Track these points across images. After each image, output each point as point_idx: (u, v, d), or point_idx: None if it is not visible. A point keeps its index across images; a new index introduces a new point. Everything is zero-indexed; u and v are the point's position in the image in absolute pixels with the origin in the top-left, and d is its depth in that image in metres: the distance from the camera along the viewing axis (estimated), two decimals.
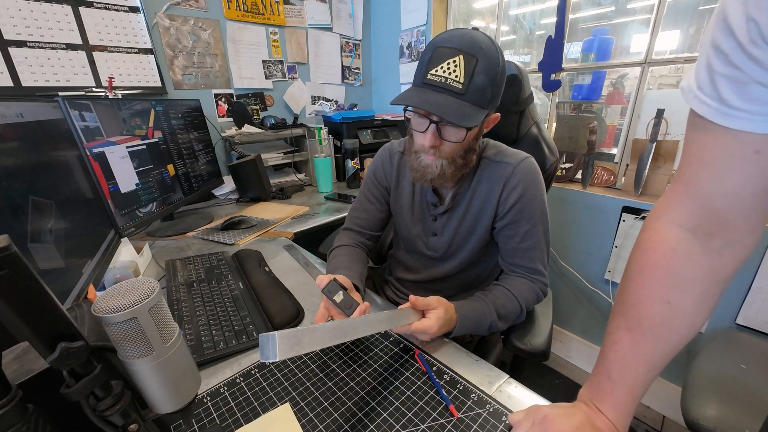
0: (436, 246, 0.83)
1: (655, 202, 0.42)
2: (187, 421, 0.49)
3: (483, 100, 0.61)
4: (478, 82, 0.59)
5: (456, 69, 0.59)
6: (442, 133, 0.65)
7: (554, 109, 1.54)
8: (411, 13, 1.86)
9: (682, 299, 0.38)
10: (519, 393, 0.53)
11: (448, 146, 0.66)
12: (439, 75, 0.60)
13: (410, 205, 0.85)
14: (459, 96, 0.60)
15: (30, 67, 1.17)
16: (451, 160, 0.68)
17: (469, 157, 0.70)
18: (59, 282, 0.57)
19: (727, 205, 0.34)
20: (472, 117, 0.60)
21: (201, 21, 1.54)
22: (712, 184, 0.34)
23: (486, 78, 0.60)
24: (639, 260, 0.41)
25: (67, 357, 0.25)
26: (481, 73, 0.59)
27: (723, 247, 0.36)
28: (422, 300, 0.61)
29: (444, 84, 0.60)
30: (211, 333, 0.65)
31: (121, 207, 0.95)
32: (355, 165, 1.70)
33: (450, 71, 0.59)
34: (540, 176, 0.74)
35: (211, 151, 1.52)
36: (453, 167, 0.69)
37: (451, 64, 0.59)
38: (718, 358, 0.95)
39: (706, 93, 0.31)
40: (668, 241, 0.39)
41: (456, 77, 0.59)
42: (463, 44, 0.59)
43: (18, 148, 0.58)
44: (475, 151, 0.71)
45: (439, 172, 0.68)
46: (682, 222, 0.38)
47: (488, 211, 0.75)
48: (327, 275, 0.64)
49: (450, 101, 0.60)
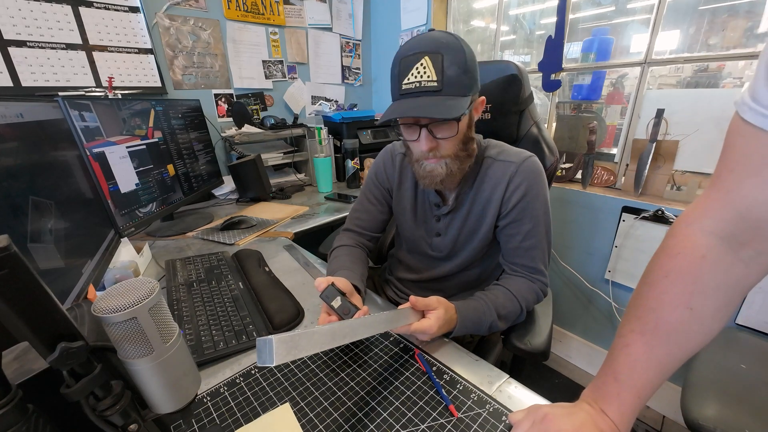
0: (440, 246, 0.83)
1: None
2: (187, 421, 0.49)
3: (461, 88, 0.62)
4: (451, 74, 0.60)
5: (426, 70, 0.60)
6: (435, 134, 0.65)
7: (554, 109, 1.54)
8: (411, 13, 1.86)
9: (704, 307, 0.38)
10: (519, 393, 0.53)
11: (445, 143, 0.66)
12: (412, 82, 0.61)
13: (413, 207, 0.85)
14: (437, 93, 0.61)
15: (30, 67, 1.17)
16: (454, 156, 0.68)
17: (469, 147, 0.70)
18: (59, 282, 0.57)
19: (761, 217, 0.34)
20: (456, 107, 0.60)
21: (201, 21, 1.54)
22: (759, 192, 0.34)
23: (457, 68, 0.61)
24: (665, 266, 0.41)
25: (67, 357, 0.25)
26: (450, 65, 0.60)
27: (752, 257, 0.36)
28: (422, 300, 0.61)
29: (420, 88, 0.61)
30: (211, 333, 0.65)
31: (121, 207, 0.95)
32: (355, 165, 1.70)
33: (421, 74, 0.61)
34: (543, 175, 0.74)
35: (211, 151, 1.52)
36: (458, 162, 0.69)
37: (419, 68, 0.61)
38: (718, 358, 0.95)
39: (760, 103, 0.32)
40: (699, 248, 0.38)
41: (428, 77, 0.60)
42: (424, 46, 0.61)
43: (18, 148, 0.58)
44: (473, 140, 0.71)
45: (446, 171, 0.68)
46: (715, 230, 0.38)
47: (491, 210, 0.75)
48: (325, 278, 0.64)
49: (431, 101, 0.61)
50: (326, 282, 0.62)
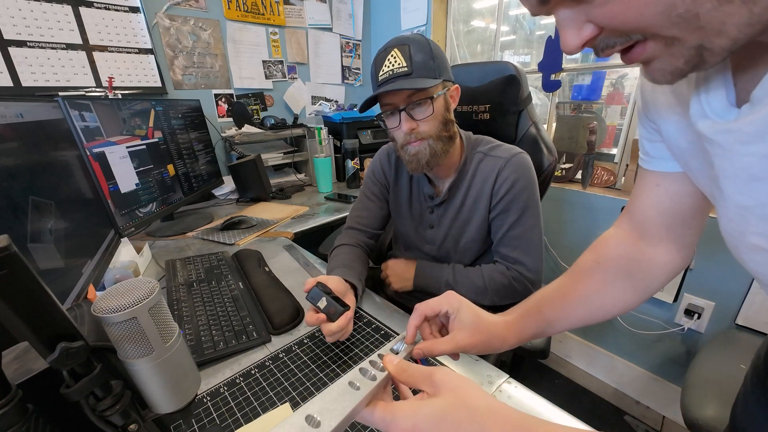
0: (434, 238, 0.85)
1: None
2: (187, 421, 0.49)
3: (431, 71, 0.69)
4: (419, 59, 0.68)
5: (396, 60, 0.68)
6: (413, 115, 0.70)
7: (554, 109, 1.54)
8: (411, 13, 1.86)
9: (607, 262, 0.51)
10: (519, 393, 0.53)
11: (425, 124, 0.71)
12: (385, 72, 0.69)
13: (408, 200, 0.88)
14: (408, 76, 0.68)
15: (30, 67, 1.17)
16: (436, 137, 0.72)
17: (450, 128, 0.74)
18: (59, 282, 0.57)
19: (643, 219, 0.49)
20: (425, 83, 0.67)
21: (201, 21, 1.54)
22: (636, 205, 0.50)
23: (423, 55, 0.68)
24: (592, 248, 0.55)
25: (67, 357, 0.25)
26: (417, 53, 0.68)
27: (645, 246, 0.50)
28: None
29: (393, 74, 0.68)
30: (211, 333, 0.65)
31: (121, 207, 0.95)
32: (355, 165, 1.70)
33: (392, 64, 0.68)
34: (531, 171, 0.77)
35: (211, 151, 1.52)
36: (440, 143, 0.72)
37: (390, 59, 0.69)
38: (718, 358, 0.95)
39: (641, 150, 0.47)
40: (609, 234, 0.54)
41: (399, 65, 0.68)
42: (392, 43, 0.70)
43: (18, 148, 0.58)
44: (453, 122, 0.76)
45: (430, 151, 0.72)
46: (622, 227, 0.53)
47: (483, 203, 0.78)
48: (313, 279, 0.64)
49: (403, 81, 0.67)
50: (312, 283, 0.62)
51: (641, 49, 0.26)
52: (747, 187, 0.29)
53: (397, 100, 0.69)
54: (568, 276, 0.52)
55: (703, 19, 0.22)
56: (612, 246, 0.52)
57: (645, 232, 0.49)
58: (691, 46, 0.24)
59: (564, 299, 0.50)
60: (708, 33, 0.23)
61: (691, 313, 1.23)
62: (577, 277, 0.52)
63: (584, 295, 0.50)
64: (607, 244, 0.53)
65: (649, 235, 0.49)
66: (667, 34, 0.24)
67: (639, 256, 0.50)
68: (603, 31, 0.26)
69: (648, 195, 0.47)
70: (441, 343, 0.44)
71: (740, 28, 0.22)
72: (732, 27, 0.22)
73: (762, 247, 0.30)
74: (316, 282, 0.62)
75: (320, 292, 0.60)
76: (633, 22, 0.24)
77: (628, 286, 0.50)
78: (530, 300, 0.51)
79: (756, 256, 0.32)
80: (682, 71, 0.26)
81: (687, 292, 1.23)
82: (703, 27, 0.23)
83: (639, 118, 0.46)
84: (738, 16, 0.22)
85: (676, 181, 0.44)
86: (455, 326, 0.46)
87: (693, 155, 0.37)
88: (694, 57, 0.25)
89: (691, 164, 0.39)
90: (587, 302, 0.50)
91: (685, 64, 0.25)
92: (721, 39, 0.23)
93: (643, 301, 0.51)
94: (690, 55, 0.25)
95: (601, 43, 0.27)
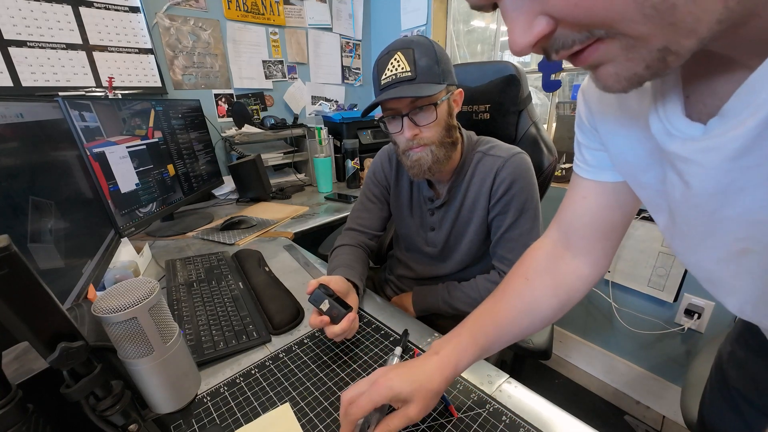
0: (435, 241, 0.84)
1: None
2: (187, 421, 0.49)
3: (435, 76, 0.67)
4: (423, 64, 0.66)
5: (399, 64, 0.66)
6: (416, 121, 0.69)
7: (554, 109, 1.54)
8: (411, 13, 1.86)
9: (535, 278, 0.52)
10: (519, 393, 0.53)
11: (428, 130, 0.70)
12: (389, 75, 0.67)
13: (408, 202, 0.87)
14: (412, 81, 0.66)
15: (30, 67, 1.17)
16: (438, 143, 0.71)
17: (453, 134, 0.73)
18: (59, 282, 0.57)
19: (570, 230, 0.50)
20: (430, 89, 0.65)
21: (201, 21, 1.54)
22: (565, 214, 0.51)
23: (428, 59, 0.66)
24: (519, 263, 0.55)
25: (67, 357, 0.25)
26: (421, 57, 0.66)
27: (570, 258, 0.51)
28: None
29: (396, 79, 0.67)
30: (211, 333, 0.65)
31: (121, 207, 0.95)
32: (355, 165, 1.70)
33: (396, 68, 0.67)
34: (531, 171, 0.76)
35: (211, 151, 1.52)
36: (443, 149, 0.71)
37: (393, 62, 0.67)
38: None
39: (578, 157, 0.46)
40: (538, 244, 0.55)
41: (403, 69, 0.66)
42: (396, 46, 0.68)
43: (18, 148, 0.58)
44: (455, 128, 0.74)
45: (432, 158, 0.71)
46: (551, 236, 0.54)
47: (482, 203, 0.77)
48: (316, 279, 0.64)
49: (406, 87, 0.66)
50: (314, 285, 0.62)
51: (593, 49, 0.23)
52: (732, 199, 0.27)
53: (400, 105, 0.68)
54: (499, 296, 0.52)
55: (678, 13, 0.19)
56: (541, 259, 0.53)
57: (571, 244, 0.50)
58: (654, 48, 0.21)
59: (497, 325, 0.50)
60: (678, 31, 0.20)
61: (691, 313, 1.23)
62: (508, 298, 0.52)
63: (514, 317, 0.51)
64: (536, 258, 0.53)
65: (575, 246, 0.50)
66: (632, 31, 0.21)
67: (564, 268, 0.51)
68: (559, 26, 0.23)
69: (579, 204, 0.47)
70: (395, 420, 0.42)
71: (711, 26, 0.20)
72: (704, 25, 0.20)
73: (752, 249, 0.29)
74: (318, 284, 0.62)
75: (323, 294, 0.60)
76: (600, 10, 0.20)
77: (554, 302, 0.51)
78: (465, 328, 0.50)
79: (744, 260, 0.30)
80: (640, 78, 0.23)
81: (687, 292, 1.23)
82: (674, 24, 0.20)
83: (579, 124, 0.43)
84: (712, 13, 0.19)
85: (611, 192, 0.43)
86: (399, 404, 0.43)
87: (646, 169, 0.35)
88: (656, 61, 0.22)
89: (641, 177, 0.36)
90: (517, 323, 0.51)
91: (646, 70, 0.22)
92: (690, 40, 0.20)
93: (563, 314, 0.52)
94: (652, 59, 0.22)
95: (557, 41, 0.24)
